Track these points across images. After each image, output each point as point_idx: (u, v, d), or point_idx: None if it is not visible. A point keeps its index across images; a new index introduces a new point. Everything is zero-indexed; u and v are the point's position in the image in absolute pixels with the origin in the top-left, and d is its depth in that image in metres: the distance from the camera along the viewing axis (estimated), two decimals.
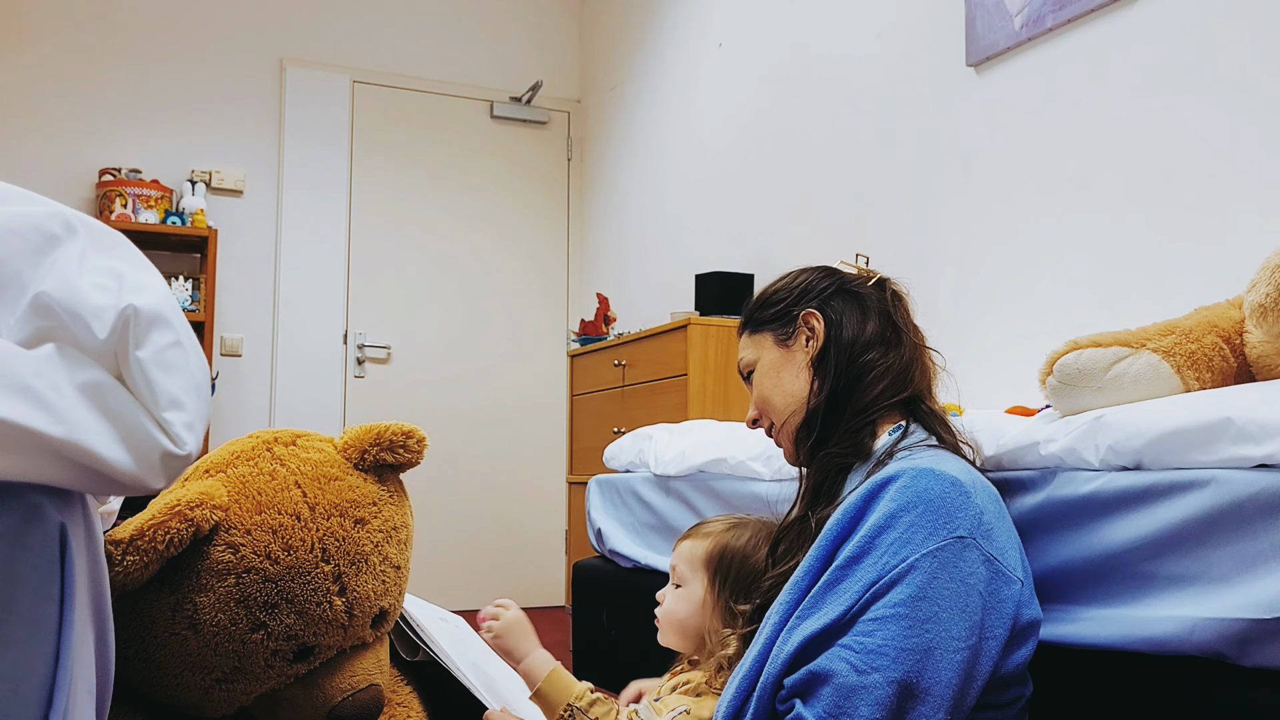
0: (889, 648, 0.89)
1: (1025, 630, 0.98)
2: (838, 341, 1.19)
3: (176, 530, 0.92)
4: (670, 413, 3.08)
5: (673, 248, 4.02)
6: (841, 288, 1.23)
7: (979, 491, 0.99)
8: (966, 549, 0.93)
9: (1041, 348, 1.24)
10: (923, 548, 0.92)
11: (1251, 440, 0.96)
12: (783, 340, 1.23)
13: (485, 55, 4.81)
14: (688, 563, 1.24)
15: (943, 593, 0.91)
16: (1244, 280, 1.19)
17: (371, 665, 1.07)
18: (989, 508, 0.98)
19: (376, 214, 4.54)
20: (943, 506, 0.94)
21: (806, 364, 1.20)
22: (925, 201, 2.62)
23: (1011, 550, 0.99)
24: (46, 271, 0.73)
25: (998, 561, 0.95)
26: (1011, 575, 0.96)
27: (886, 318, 1.21)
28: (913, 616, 0.90)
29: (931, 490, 0.95)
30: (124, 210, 3.92)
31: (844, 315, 1.20)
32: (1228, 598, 0.95)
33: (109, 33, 4.16)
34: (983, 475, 1.07)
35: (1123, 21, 2.08)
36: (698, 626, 1.21)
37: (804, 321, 1.21)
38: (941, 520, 0.94)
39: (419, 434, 1.13)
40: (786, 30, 3.28)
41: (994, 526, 0.97)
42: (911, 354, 1.20)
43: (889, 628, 0.90)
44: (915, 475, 0.97)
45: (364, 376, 4.47)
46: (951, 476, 0.97)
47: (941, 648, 0.89)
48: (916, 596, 0.90)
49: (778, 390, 1.22)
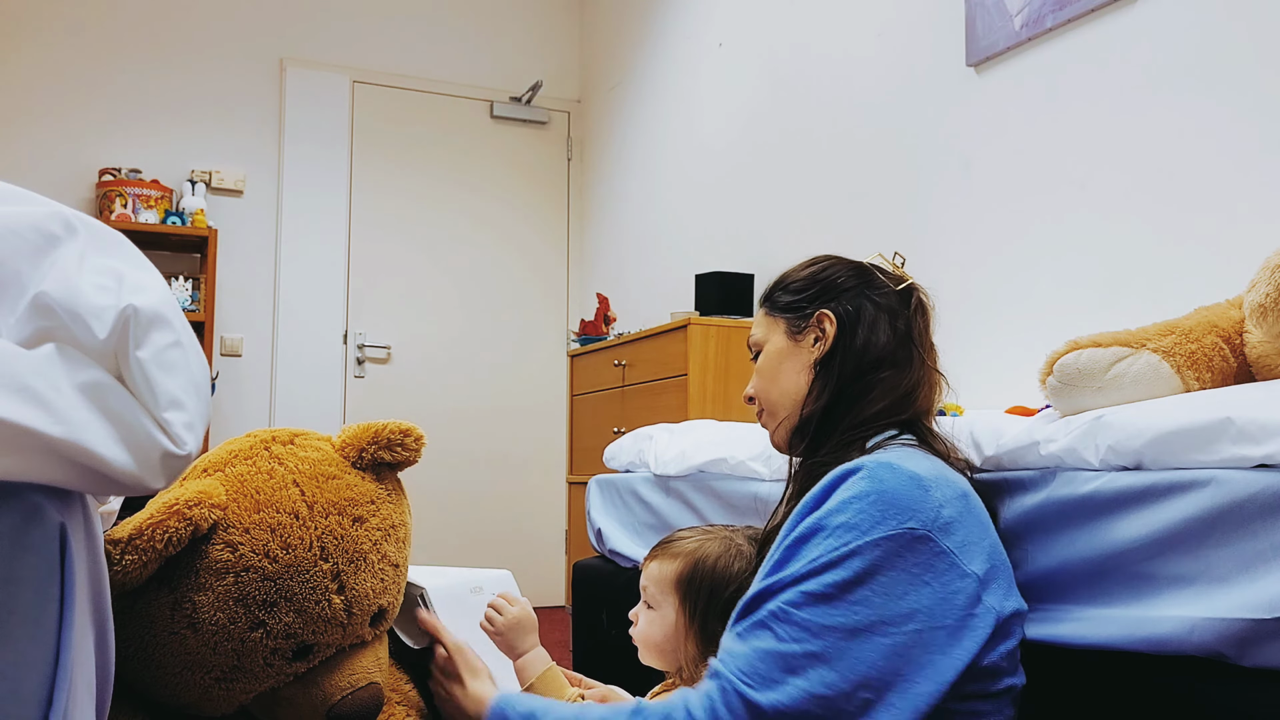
0: (812, 624, 0.92)
1: (1006, 623, 0.98)
2: (846, 350, 1.16)
3: (175, 529, 0.92)
4: (670, 413, 3.08)
5: (673, 248, 4.02)
6: (866, 292, 1.19)
7: (940, 488, 0.99)
8: (917, 541, 0.94)
9: (1041, 348, 1.24)
10: (868, 535, 0.94)
11: (1251, 440, 0.96)
12: (793, 332, 1.21)
13: (485, 55, 4.81)
14: (657, 584, 1.21)
15: (880, 580, 0.93)
16: (1244, 280, 1.19)
17: (371, 663, 1.07)
18: (951, 504, 0.99)
19: (376, 214, 4.54)
20: (896, 499, 0.96)
21: (810, 364, 1.18)
22: (925, 201, 2.62)
23: (975, 547, 0.98)
24: (46, 271, 0.73)
25: (952, 555, 0.96)
26: (966, 570, 0.96)
27: (904, 334, 1.17)
28: (843, 599, 0.92)
29: (887, 482, 0.97)
30: (124, 210, 3.92)
31: (860, 324, 1.16)
32: (1228, 598, 0.95)
33: (109, 33, 4.16)
34: (964, 477, 1.07)
35: (1123, 21, 2.08)
36: (674, 650, 1.20)
37: (817, 321, 1.18)
38: (893, 512, 0.95)
39: (416, 432, 1.13)
40: (786, 30, 3.28)
41: (953, 522, 0.97)
42: (920, 375, 1.16)
43: (818, 605, 0.92)
44: (875, 467, 0.99)
45: (364, 376, 4.47)
46: (910, 471, 0.99)
47: (867, 630, 0.91)
48: (852, 580, 0.93)
49: (776, 383, 1.21)
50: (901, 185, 2.71)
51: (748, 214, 3.50)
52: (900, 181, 2.72)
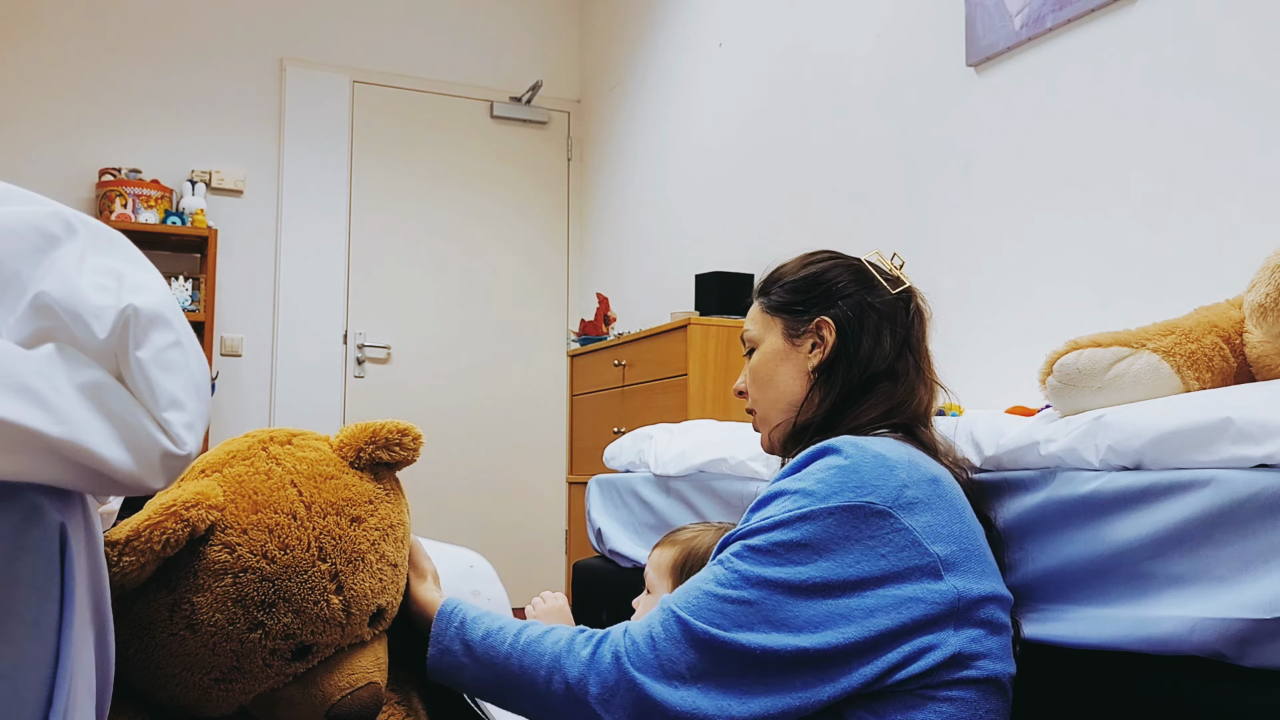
0: (751, 574, 0.95)
1: (972, 606, 0.97)
2: (847, 359, 1.14)
3: (173, 530, 0.92)
4: (670, 413, 3.08)
5: (673, 248, 4.02)
6: (865, 298, 1.17)
7: (905, 469, 1.00)
8: (875, 515, 0.96)
9: (1041, 348, 1.24)
10: (824, 504, 0.96)
11: (1251, 440, 0.96)
12: (791, 335, 1.19)
13: (485, 55, 4.81)
14: (655, 569, 1.27)
15: (828, 544, 0.95)
16: (1244, 280, 1.19)
17: (370, 663, 1.07)
18: (917, 485, 0.99)
19: (376, 214, 4.54)
20: (858, 474, 0.98)
21: (807, 370, 1.17)
22: (925, 201, 2.62)
23: (940, 529, 0.98)
24: (46, 271, 0.73)
25: (912, 532, 0.96)
26: (927, 550, 0.96)
27: (902, 341, 1.16)
28: (786, 557, 0.95)
29: (853, 458, 0.99)
30: (124, 210, 3.92)
31: (861, 333, 1.15)
32: (1228, 598, 0.95)
33: (109, 33, 4.16)
34: (943, 467, 1.07)
35: (1123, 21, 2.08)
36: None
37: (816, 327, 1.17)
38: (852, 485, 0.97)
39: (415, 432, 1.12)
40: (786, 30, 3.28)
41: (918, 503, 0.98)
42: (916, 383, 1.16)
43: (759, 557, 0.96)
44: (845, 444, 1.02)
45: (364, 376, 4.47)
46: (876, 451, 1.00)
47: (809, 590, 0.94)
48: (798, 542, 0.95)
49: (771, 385, 1.20)
50: (901, 185, 2.71)
51: (747, 214, 3.50)
52: (900, 182, 2.72)
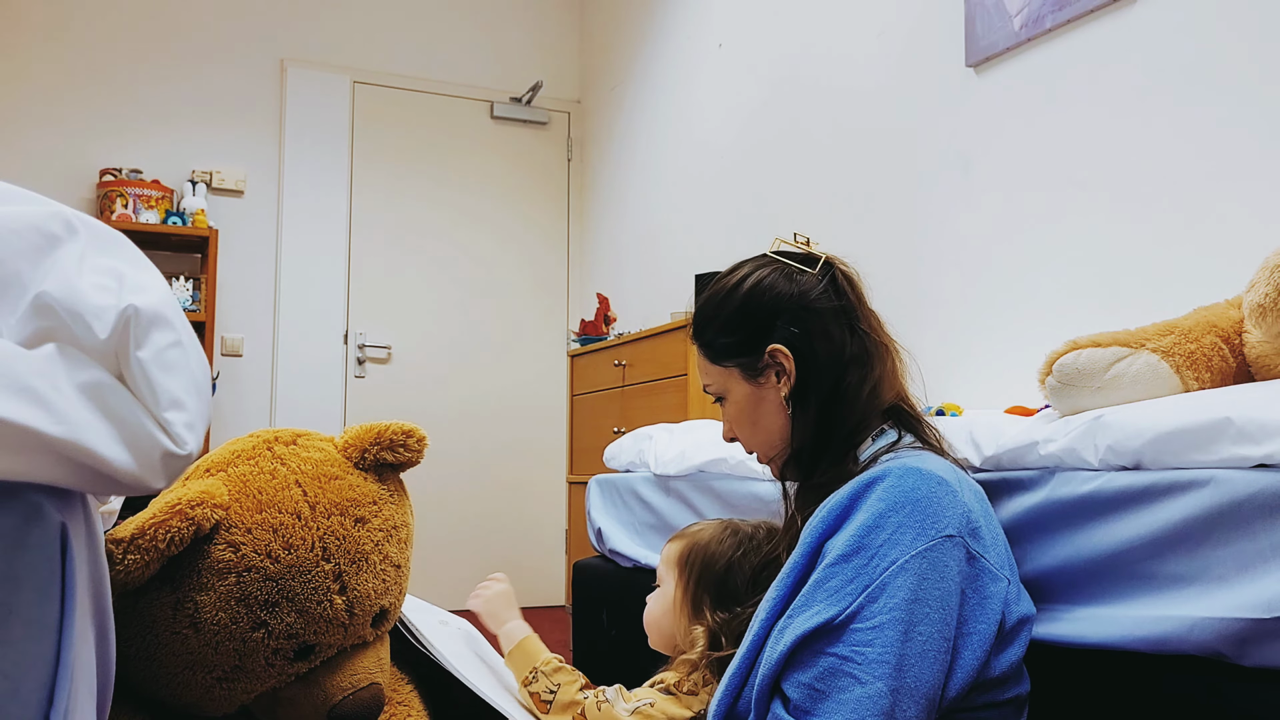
0: (889, 655, 0.89)
1: (1016, 628, 0.98)
2: (815, 372, 1.12)
3: (177, 529, 0.92)
4: (670, 413, 3.08)
5: (673, 248, 4.02)
6: (799, 303, 1.13)
7: (965, 489, 0.99)
8: (954, 547, 0.94)
9: (1041, 348, 1.24)
10: (912, 548, 0.92)
11: (1251, 440, 0.96)
12: (751, 377, 1.15)
13: (485, 55, 4.81)
14: (665, 563, 1.28)
15: (933, 594, 0.92)
16: (1243, 280, 1.19)
17: (372, 664, 1.07)
18: (975, 506, 0.99)
19: (376, 214, 4.54)
20: (930, 506, 0.95)
21: (781, 402, 1.14)
22: (925, 201, 2.62)
23: (998, 548, 0.99)
24: (47, 271, 0.73)
25: (983, 559, 0.96)
26: (998, 573, 0.96)
27: (847, 322, 1.13)
28: (908, 620, 0.90)
29: (919, 490, 0.96)
30: (125, 210, 3.92)
31: (813, 341, 1.12)
32: (1227, 597, 0.95)
33: (109, 33, 4.16)
34: (967, 474, 1.07)
35: (1122, 22, 2.08)
36: (670, 626, 1.24)
37: (771, 357, 1.13)
38: (929, 519, 0.94)
39: (419, 433, 1.13)
40: (786, 30, 3.28)
41: (980, 525, 0.98)
42: (878, 354, 1.14)
43: (886, 634, 0.90)
44: (902, 474, 0.97)
45: (364, 376, 4.47)
46: (937, 475, 0.97)
47: (933, 650, 0.90)
48: (910, 599, 0.91)
49: (757, 429, 1.18)
50: (901, 185, 2.71)
51: (748, 214, 3.50)
52: (900, 181, 2.72)
